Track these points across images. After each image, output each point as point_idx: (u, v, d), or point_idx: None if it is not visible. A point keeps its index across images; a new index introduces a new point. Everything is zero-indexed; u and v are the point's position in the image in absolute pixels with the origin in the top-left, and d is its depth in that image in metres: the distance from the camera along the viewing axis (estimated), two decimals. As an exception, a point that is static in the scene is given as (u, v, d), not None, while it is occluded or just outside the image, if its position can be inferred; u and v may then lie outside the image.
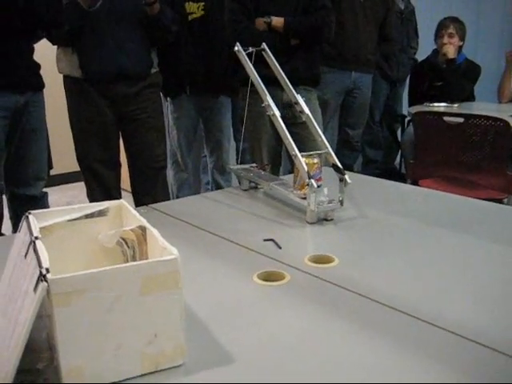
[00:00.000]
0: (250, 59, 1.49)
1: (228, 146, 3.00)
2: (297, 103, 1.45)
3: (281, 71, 1.54)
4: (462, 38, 3.62)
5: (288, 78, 2.59)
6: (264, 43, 1.57)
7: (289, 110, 2.34)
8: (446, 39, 3.56)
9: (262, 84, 1.43)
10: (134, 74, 2.37)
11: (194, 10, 2.70)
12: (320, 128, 2.76)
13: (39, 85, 2.23)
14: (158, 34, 2.42)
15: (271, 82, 1.56)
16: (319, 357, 0.73)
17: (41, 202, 2.30)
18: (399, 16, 3.97)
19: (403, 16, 4.01)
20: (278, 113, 1.37)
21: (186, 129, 2.90)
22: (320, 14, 2.57)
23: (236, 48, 1.51)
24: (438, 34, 3.62)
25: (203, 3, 2.69)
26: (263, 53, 1.56)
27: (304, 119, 1.43)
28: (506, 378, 0.68)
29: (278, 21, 2.53)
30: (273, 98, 1.43)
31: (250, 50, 1.52)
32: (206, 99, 2.84)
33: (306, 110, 1.43)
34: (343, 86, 3.47)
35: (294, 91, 1.48)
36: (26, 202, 2.25)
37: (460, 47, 3.63)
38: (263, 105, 1.40)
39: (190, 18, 2.70)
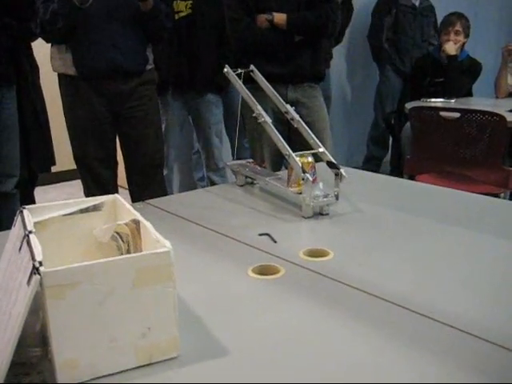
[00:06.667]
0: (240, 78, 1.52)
1: (219, 143, 3.00)
2: (287, 112, 1.48)
3: (272, 89, 1.55)
4: (467, 35, 3.57)
5: (293, 76, 2.63)
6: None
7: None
8: (452, 36, 3.49)
9: (252, 97, 1.45)
10: (128, 70, 2.36)
11: (182, 8, 2.70)
12: (326, 125, 2.75)
13: (11, 80, 2.18)
14: (152, 31, 2.41)
15: (273, 79, 1.58)
16: (314, 350, 0.73)
17: (12, 200, 2.24)
18: (412, 12, 4.01)
19: (416, 11, 4.03)
20: (269, 119, 1.40)
21: (171, 126, 2.91)
22: (324, 8, 2.47)
23: (225, 69, 1.54)
24: (444, 30, 3.56)
25: (191, 1, 2.69)
26: (251, 73, 1.58)
27: (296, 126, 1.46)
28: (504, 371, 0.69)
29: (280, 18, 2.44)
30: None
31: (239, 71, 1.54)
32: (192, 97, 2.85)
33: (297, 116, 1.46)
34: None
35: (283, 102, 1.51)
36: None
37: (463, 44, 3.59)
38: (254, 114, 1.42)
39: (176, 16, 2.70)
